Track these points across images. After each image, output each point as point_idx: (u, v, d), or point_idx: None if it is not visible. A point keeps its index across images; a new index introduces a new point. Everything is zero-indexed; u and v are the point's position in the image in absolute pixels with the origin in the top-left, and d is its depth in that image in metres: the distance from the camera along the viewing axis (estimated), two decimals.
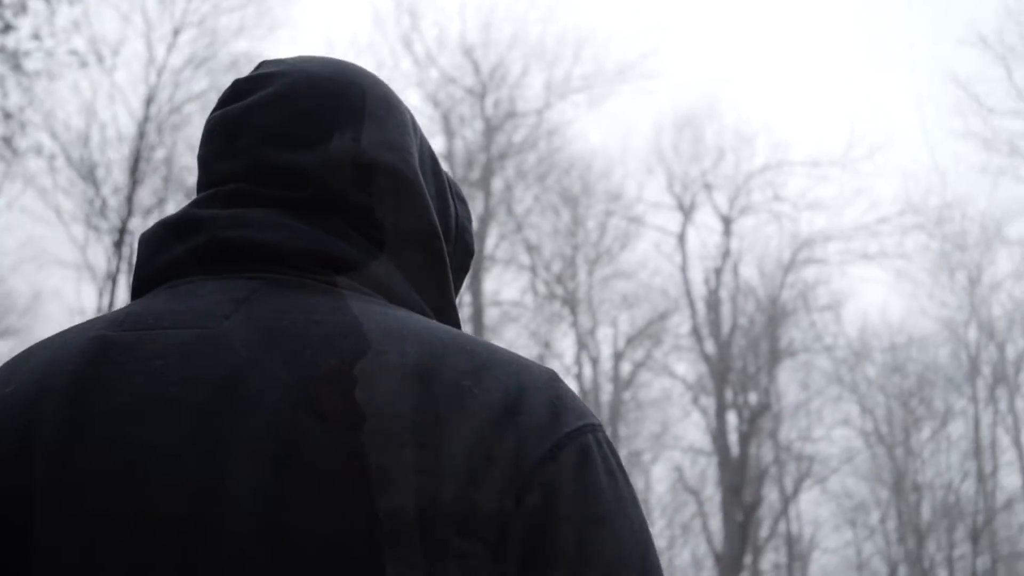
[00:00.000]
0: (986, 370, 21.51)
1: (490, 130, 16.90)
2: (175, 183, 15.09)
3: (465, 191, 1.20)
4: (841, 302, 21.15)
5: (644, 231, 20.34)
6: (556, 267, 18.71)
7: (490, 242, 16.42)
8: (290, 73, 0.91)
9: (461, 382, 0.71)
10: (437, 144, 17.12)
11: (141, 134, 14.13)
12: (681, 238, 19.96)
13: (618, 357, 19.72)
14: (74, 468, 0.70)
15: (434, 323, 0.79)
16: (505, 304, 17.89)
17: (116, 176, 14.07)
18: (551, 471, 0.69)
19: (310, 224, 0.82)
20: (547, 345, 16.42)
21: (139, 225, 14.29)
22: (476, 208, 16.15)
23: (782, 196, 19.93)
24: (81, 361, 0.75)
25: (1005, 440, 21.29)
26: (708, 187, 20.15)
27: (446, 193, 0.95)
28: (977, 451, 20.62)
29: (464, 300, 15.06)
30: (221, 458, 0.68)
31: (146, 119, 14.24)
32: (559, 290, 18.35)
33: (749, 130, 28.74)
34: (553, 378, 0.75)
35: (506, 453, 0.68)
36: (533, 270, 18.18)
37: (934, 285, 22.29)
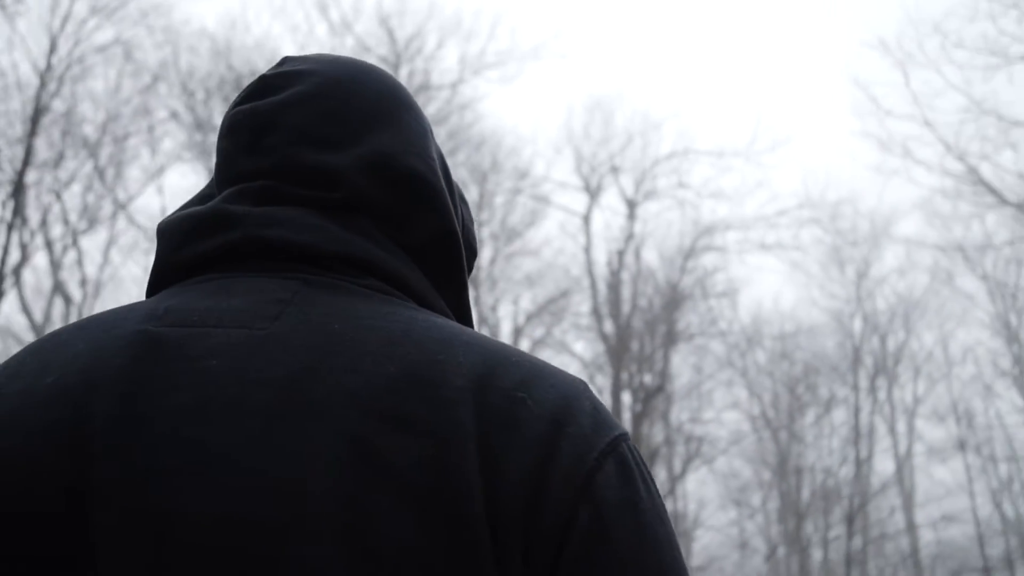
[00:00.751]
0: (868, 360, 22.42)
1: None
2: (74, 136, 14.61)
3: None
4: (738, 289, 21.77)
5: (550, 211, 20.56)
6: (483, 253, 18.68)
7: None
8: (318, 73, 0.92)
9: (516, 393, 0.73)
10: None
11: (42, 83, 13.61)
12: (586, 219, 20.22)
13: (518, 333, 19.90)
14: (138, 465, 0.69)
15: (474, 331, 0.81)
16: None
17: (15, 127, 13.54)
18: (599, 481, 0.71)
19: (340, 225, 0.84)
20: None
21: (36, 178, 13.82)
22: None
23: (686, 183, 20.35)
24: (128, 355, 0.74)
25: (882, 428, 22.29)
26: (615, 170, 20.44)
27: (455, 196, 0.97)
28: (856, 437, 21.51)
29: None
30: (297, 462, 0.68)
31: (48, 69, 13.72)
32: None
33: (657, 117, 29.26)
34: (587, 387, 0.78)
35: (561, 464, 0.70)
36: None
37: (824, 277, 23.14)
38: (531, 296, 20.14)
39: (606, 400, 18.87)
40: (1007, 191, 17.24)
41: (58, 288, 15.31)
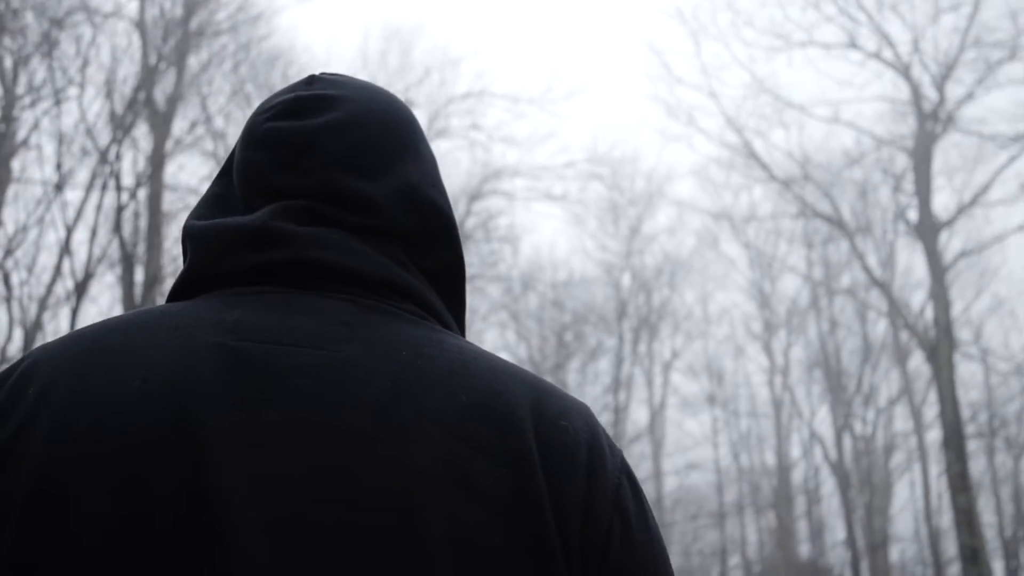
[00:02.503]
0: (633, 313, 23.47)
1: (191, 4, 15.71)
2: None
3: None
4: (519, 236, 22.11)
5: None
6: None
7: (177, 124, 15.36)
8: (353, 100, 0.97)
9: (559, 421, 0.84)
10: (131, 8, 15.68)
11: None
12: None
13: None
14: (255, 473, 0.76)
15: (506, 360, 0.91)
16: (182, 190, 16.93)
17: None
18: (621, 495, 0.84)
19: (377, 251, 0.91)
20: None
21: None
22: (166, 86, 15.03)
23: (479, 125, 20.29)
24: (217, 368, 0.80)
25: (640, 379, 23.49)
26: (409, 104, 20.06)
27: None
28: (616, 386, 22.54)
29: (142, 183, 14.03)
30: (402, 478, 0.77)
31: None
32: None
33: (456, 54, 28.99)
34: (591, 410, 0.91)
35: (599, 483, 0.83)
36: (216, 158, 17.32)
37: (600, 230, 23.91)
38: None
39: None
40: (775, 167, 18.34)
41: None
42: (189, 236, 0.93)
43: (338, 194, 0.92)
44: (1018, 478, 20.70)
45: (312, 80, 1.00)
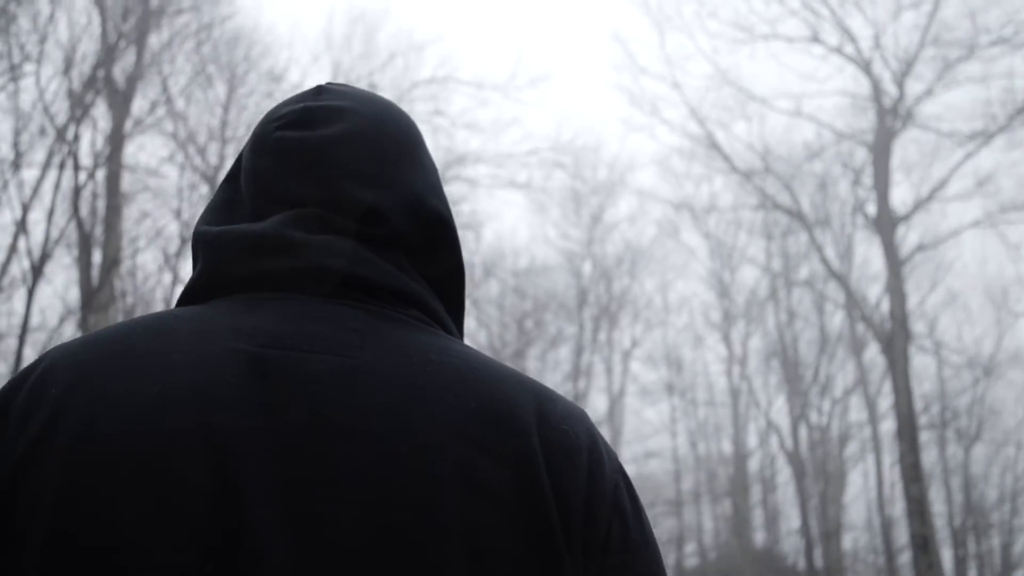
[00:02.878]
0: (593, 302, 23.56)
1: None
2: None
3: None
4: (482, 223, 22.06)
5: None
6: (202, 141, 17.73)
7: (137, 104, 15.10)
8: (359, 113, 1.01)
9: (561, 426, 0.89)
10: None
11: None
12: None
13: None
14: (277, 475, 0.80)
15: (507, 366, 0.95)
16: (142, 171, 16.68)
17: None
18: (619, 496, 0.89)
19: (382, 258, 0.95)
20: (188, 225, 15.49)
21: None
22: (126, 65, 14.78)
23: (443, 111, 20.24)
24: (237, 373, 0.83)
25: (600, 367, 23.60)
26: (373, 88, 20.00)
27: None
28: (576, 374, 22.63)
29: (100, 163, 13.78)
30: (419, 480, 0.81)
31: None
32: (201, 164, 17.40)
33: (421, 39, 28.79)
34: (589, 416, 0.95)
35: (599, 485, 0.87)
36: (177, 139, 17.09)
37: (562, 218, 23.95)
38: None
39: None
40: (737, 158, 18.48)
41: None
42: (201, 242, 0.96)
43: (346, 203, 0.95)
44: (968, 469, 21.09)
45: (320, 91, 1.03)
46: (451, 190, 20.73)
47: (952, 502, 20.01)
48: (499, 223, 25.06)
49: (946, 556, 18.18)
